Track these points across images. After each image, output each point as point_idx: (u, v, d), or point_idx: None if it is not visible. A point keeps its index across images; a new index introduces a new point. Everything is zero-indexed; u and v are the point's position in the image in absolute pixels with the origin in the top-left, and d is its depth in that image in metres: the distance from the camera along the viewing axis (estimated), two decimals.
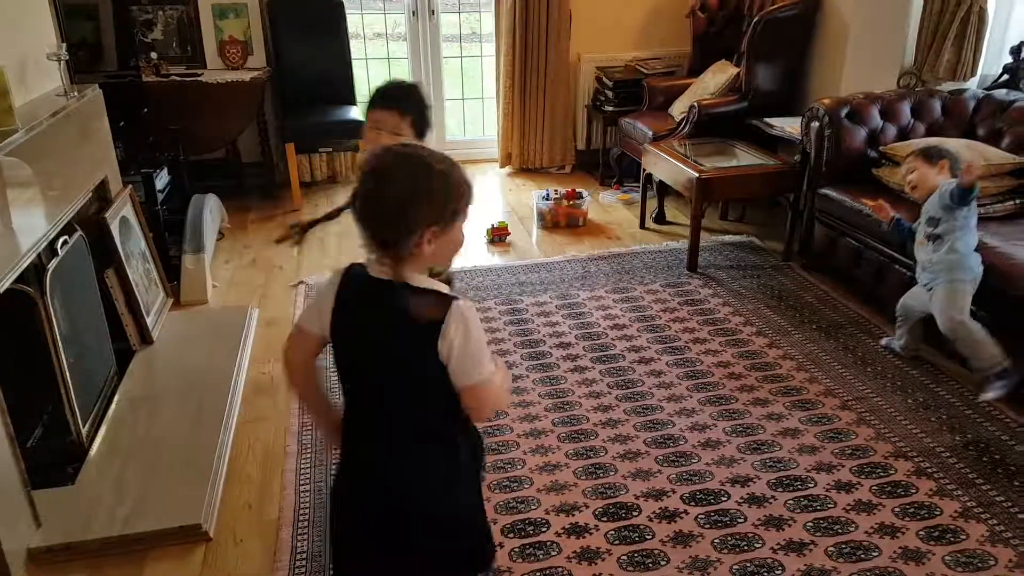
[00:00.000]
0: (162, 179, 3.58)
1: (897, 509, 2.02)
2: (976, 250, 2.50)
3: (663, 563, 1.86)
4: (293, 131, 4.42)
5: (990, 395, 2.44)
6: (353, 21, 4.89)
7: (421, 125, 1.91)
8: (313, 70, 4.62)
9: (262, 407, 2.58)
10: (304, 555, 1.91)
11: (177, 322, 3.08)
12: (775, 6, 4.06)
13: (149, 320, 2.90)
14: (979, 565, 1.83)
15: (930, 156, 2.59)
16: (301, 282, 3.50)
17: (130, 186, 3.16)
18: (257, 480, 2.23)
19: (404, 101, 1.90)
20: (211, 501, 2.09)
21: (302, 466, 2.25)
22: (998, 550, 1.87)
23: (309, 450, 2.32)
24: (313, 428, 2.40)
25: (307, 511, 2.07)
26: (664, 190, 4.12)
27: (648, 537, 1.94)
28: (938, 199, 2.49)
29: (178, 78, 4.25)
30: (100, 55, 3.83)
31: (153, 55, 4.33)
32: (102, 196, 2.90)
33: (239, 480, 2.23)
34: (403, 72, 5.26)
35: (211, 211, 3.87)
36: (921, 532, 1.94)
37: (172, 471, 2.20)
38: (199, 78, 4.27)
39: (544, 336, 2.96)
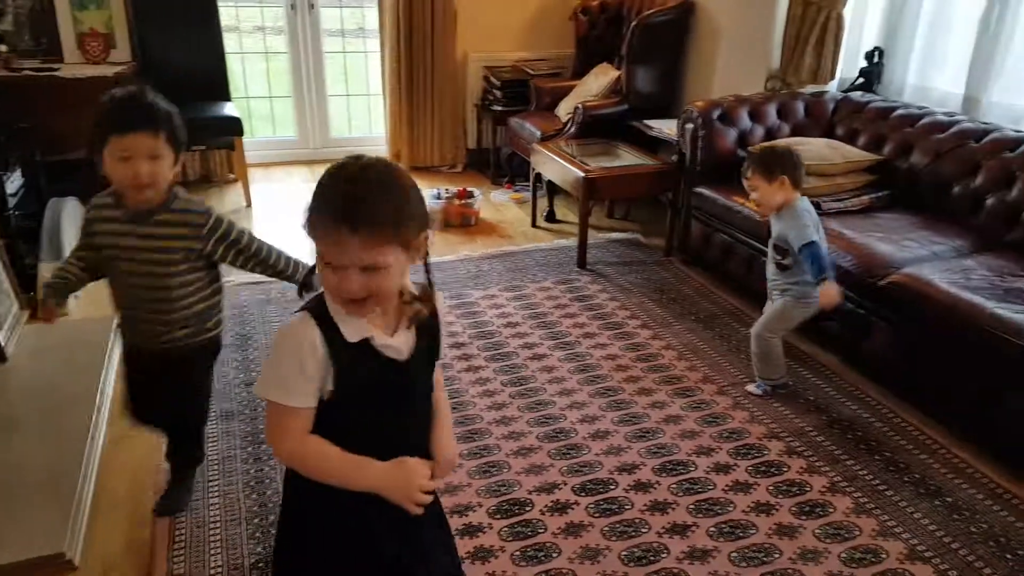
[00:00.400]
0: (15, 181, 3.30)
1: (771, 487, 2.14)
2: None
3: (555, 555, 1.89)
4: None
5: (753, 390, 2.60)
6: (228, 14, 4.69)
7: (178, 140, 1.66)
8: (184, 64, 4.39)
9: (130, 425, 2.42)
10: None
11: (34, 337, 2.83)
12: (652, 10, 4.21)
13: (1, 336, 2.66)
14: (846, 536, 1.96)
15: (768, 172, 2.43)
16: None
17: None
18: (127, 503, 2.08)
19: (153, 118, 1.62)
20: (76, 527, 1.93)
21: None
22: (862, 520, 2.02)
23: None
24: None
25: (183, 532, 1.97)
26: (554, 189, 4.18)
27: (541, 531, 1.97)
28: (783, 230, 2.43)
29: (32, 73, 3.93)
30: None
31: (2, 48, 3.99)
32: None
33: (107, 503, 2.06)
34: (282, 67, 5.09)
35: (70, 216, 3.60)
36: (793, 508, 2.06)
37: (31, 497, 2.00)
38: (56, 73, 3.97)
39: None
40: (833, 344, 2.83)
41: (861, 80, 3.62)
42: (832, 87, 3.69)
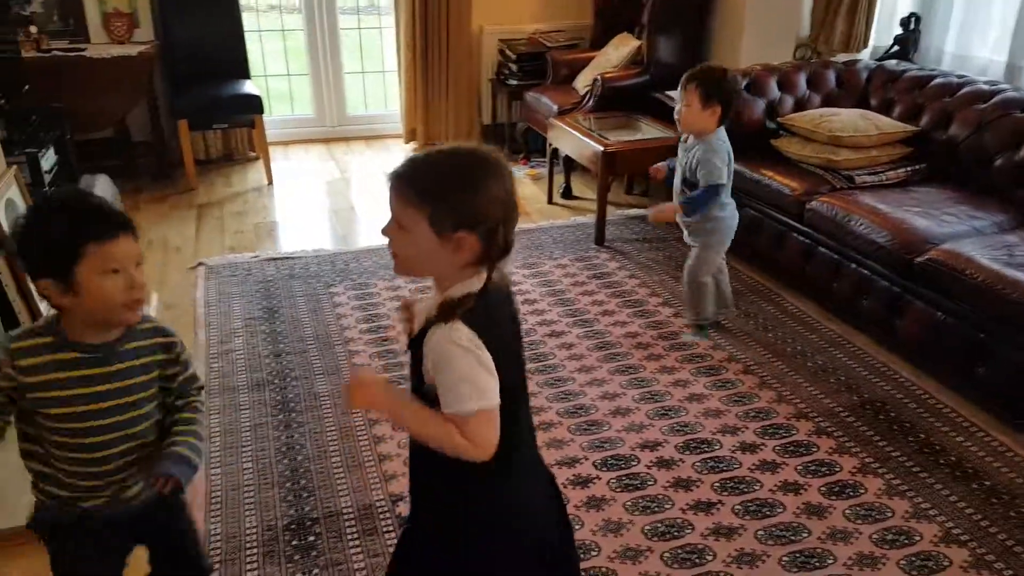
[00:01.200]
0: (48, 159, 3.34)
1: (799, 467, 2.07)
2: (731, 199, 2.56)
3: (578, 527, 1.85)
4: (185, 107, 4.18)
5: (691, 337, 2.67)
6: None
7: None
8: (204, 44, 4.38)
9: None
10: (218, 537, 1.86)
11: None
12: None
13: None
14: (877, 517, 1.89)
15: (707, 96, 2.36)
16: (200, 264, 3.33)
17: (15, 167, 2.92)
18: None
19: (128, 219, 1.26)
20: None
21: (212, 450, 2.15)
22: (894, 502, 1.94)
23: (218, 434, 2.23)
24: (221, 412, 2.32)
25: (219, 494, 2.00)
26: (571, 165, 4.10)
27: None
28: (697, 164, 2.44)
29: (60, 53, 3.96)
30: None
31: (32, 29, 4.00)
32: None
33: None
34: (299, 45, 5.05)
35: (102, 192, 3.62)
36: (823, 488, 1.99)
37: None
38: (83, 53, 3.99)
39: None
40: (866, 323, 2.73)
41: (896, 48, 3.49)
42: (865, 55, 3.57)
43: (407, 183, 1.08)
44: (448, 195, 1.06)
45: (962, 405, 2.33)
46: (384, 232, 1.12)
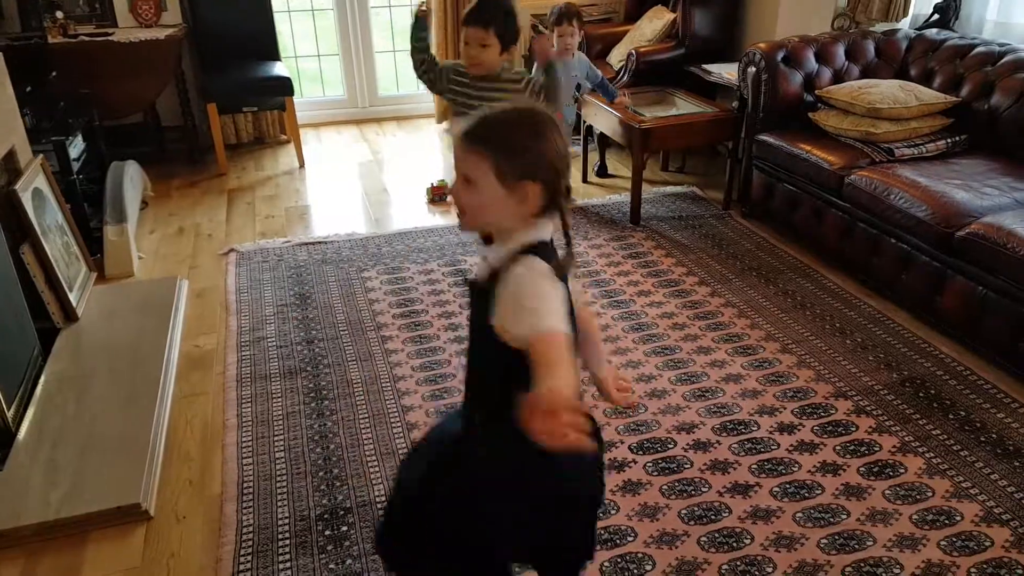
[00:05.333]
0: (77, 147, 3.36)
1: (838, 447, 2.06)
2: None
3: (613, 511, 1.87)
4: (214, 90, 4.21)
5: None
6: None
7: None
8: (233, 25, 4.40)
9: (197, 382, 2.48)
10: (250, 528, 1.86)
11: (103, 297, 2.94)
12: None
13: (72, 296, 2.75)
14: (917, 497, 1.88)
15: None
16: (231, 250, 3.36)
17: (41, 156, 2.96)
18: (197, 456, 2.16)
19: None
20: (149, 479, 2.02)
21: (244, 439, 2.18)
22: (935, 481, 1.93)
23: (250, 423, 2.24)
24: (253, 400, 2.34)
25: (251, 484, 2.01)
26: (605, 142, 4.07)
27: None
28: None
29: (87, 38, 3.99)
30: None
31: (59, 14, 4.04)
32: (11, 168, 2.71)
33: (178, 456, 2.15)
34: (329, 25, 5.05)
35: (132, 179, 3.68)
36: (862, 468, 1.98)
37: (107, 451, 2.11)
38: (110, 37, 4.02)
39: None
40: (905, 299, 2.70)
41: (936, 16, 3.40)
42: (905, 24, 3.48)
43: (477, 138, 1.14)
44: (513, 147, 1.13)
45: (1004, 381, 2.30)
46: (451, 191, 1.18)
